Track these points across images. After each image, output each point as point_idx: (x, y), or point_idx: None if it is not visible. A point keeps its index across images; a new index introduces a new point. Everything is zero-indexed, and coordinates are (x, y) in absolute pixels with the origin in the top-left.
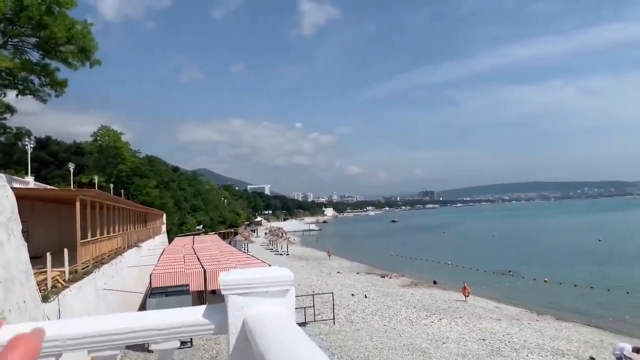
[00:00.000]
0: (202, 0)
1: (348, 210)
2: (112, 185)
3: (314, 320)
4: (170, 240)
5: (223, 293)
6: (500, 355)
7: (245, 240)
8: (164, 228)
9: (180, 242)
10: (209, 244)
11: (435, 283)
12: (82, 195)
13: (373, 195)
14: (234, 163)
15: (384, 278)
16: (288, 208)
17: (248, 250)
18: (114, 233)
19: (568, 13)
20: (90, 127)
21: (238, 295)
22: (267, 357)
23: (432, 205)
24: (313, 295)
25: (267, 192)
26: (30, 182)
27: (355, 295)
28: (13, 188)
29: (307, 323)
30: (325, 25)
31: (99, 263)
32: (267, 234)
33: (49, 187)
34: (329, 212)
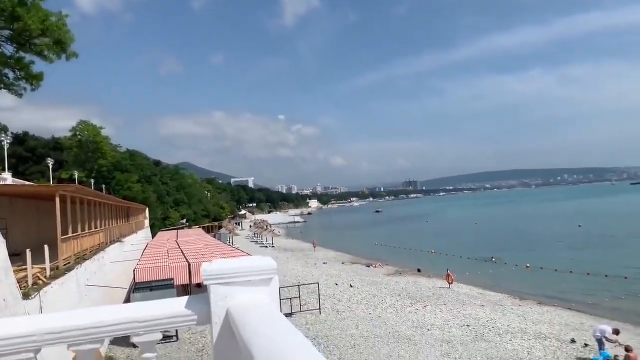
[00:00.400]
0: None
1: (332, 202)
2: (92, 181)
3: (300, 311)
4: (154, 235)
5: (205, 283)
6: (484, 340)
7: (230, 233)
8: (147, 223)
9: (164, 236)
10: (193, 238)
11: (420, 271)
12: (61, 191)
13: (357, 186)
14: (217, 156)
15: (369, 267)
16: (272, 200)
17: (233, 243)
18: (96, 228)
19: (548, 1)
20: (69, 121)
21: (220, 285)
22: (251, 346)
23: (415, 195)
24: (299, 286)
25: (250, 185)
26: (8, 178)
27: (341, 285)
28: None
29: (293, 313)
30: (307, 15)
31: (81, 259)
32: (251, 227)
33: (28, 183)
34: (313, 203)
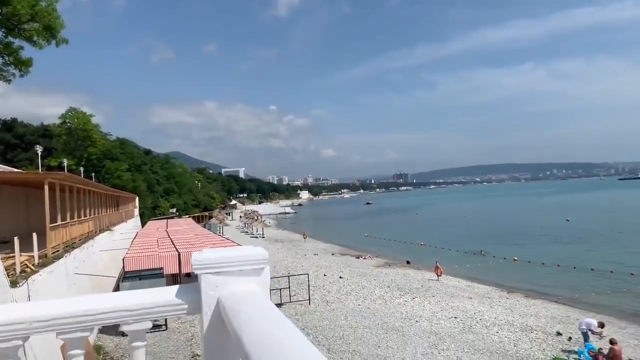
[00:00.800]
0: None
1: (323, 193)
2: (82, 169)
3: (290, 301)
4: (144, 224)
5: (196, 272)
6: (472, 332)
7: (220, 224)
8: (137, 212)
9: (154, 225)
10: (183, 228)
11: (409, 263)
12: (50, 178)
13: (348, 178)
14: (208, 146)
15: (359, 259)
16: (263, 191)
17: (223, 234)
18: (85, 217)
19: None
20: (58, 109)
21: (211, 274)
22: (242, 335)
23: (406, 188)
24: (289, 277)
25: (241, 175)
26: None
27: (330, 276)
28: None
29: (282, 304)
30: (300, 6)
31: (70, 247)
32: (242, 217)
33: (16, 170)
34: (304, 195)
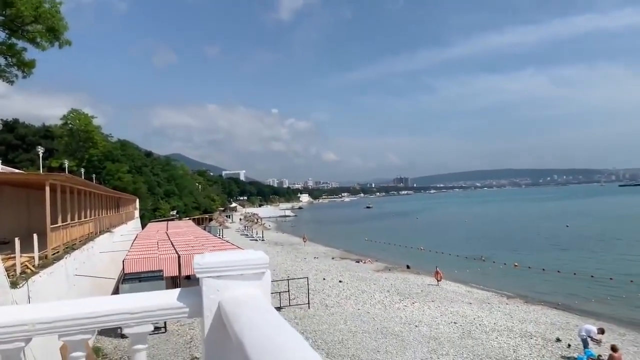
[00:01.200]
0: None
1: (323, 197)
2: (83, 170)
3: (289, 305)
4: (144, 226)
5: (197, 276)
6: (471, 338)
7: (220, 226)
8: (137, 213)
9: (154, 227)
10: (184, 230)
11: (409, 268)
12: (51, 180)
13: (348, 182)
14: (209, 148)
15: (359, 263)
16: (263, 194)
17: (223, 236)
18: (86, 218)
19: (543, 2)
20: (60, 110)
21: (213, 278)
22: (243, 339)
23: (406, 192)
24: (288, 280)
25: (242, 178)
26: None
27: (330, 280)
28: None
29: (282, 307)
30: (302, 10)
31: (70, 249)
32: (242, 220)
33: (17, 171)
34: (305, 198)
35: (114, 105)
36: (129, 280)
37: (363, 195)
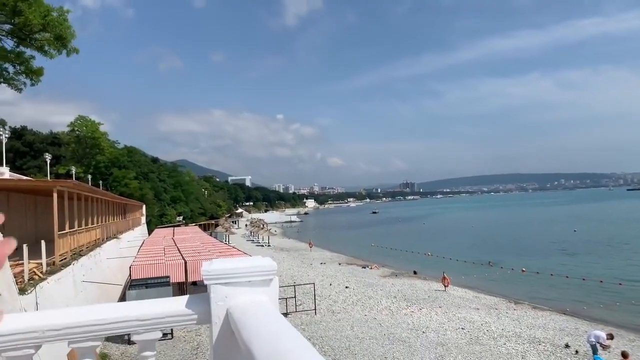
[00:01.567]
0: None
1: (329, 202)
2: (90, 177)
3: (296, 311)
4: (150, 232)
5: (206, 283)
6: (479, 344)
7: (226, 232)
8: (144, 219)
9: (161, 233)
10: (190, 236)
11: (416, 273)
12: (59, 186)
13: (354, 187)
14: (215, 154)
15: (365, 269)
16: (269, 199)
17: (229, 242)
18: (93, 225)
19: (547, 6)
20: (67, 117)
21: (221, 285)
22: (251, 346)
23: (412, 197)
24: (294, 286)
25: (248, 183)
26: (5, 172)
27: (336, 286)
28: None
29: (288, 313)
30: (307, 15)
31: (77, 255)
32: (248, 226)
33: (25, 177)
34: (310, 203)
35: (121, 112)
36: (136, 287)
37: (369, 201)
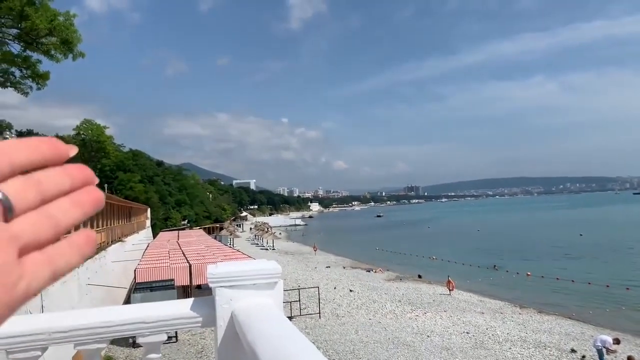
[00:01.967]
0: None
1: (334, 206)
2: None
3: (300, 315)
4: (155, 235)
5: (211, 286)
6: (484, 348)
7: (231, 235)
8: (149, 223)
9: (165, 236)
10: (195, 239)
11: (420, 277)
12: None
13: (358, 191)
14: (220, 158)
15: (370, 272)
16: (274, 203)
17: (233, 245)
18: (98, 228)
19: (551, 10)
20: (73, 120)
21: (226, 288)
22: (256, 349)
23: (417, 200)
24: (299, 290)
25: (252, 187)
26: None
27: (341, 290)
28: None
29: (293, 317)
30: (312, 19)
31: None
32: (252, 229)
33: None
34: (315, 207)
35: (126, 115)
36: (141, 290)
37: (373, 204)
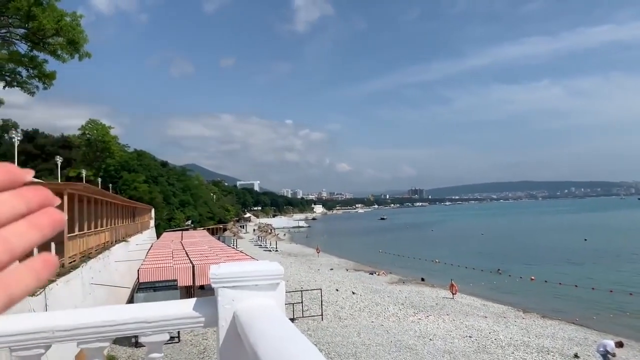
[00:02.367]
0: None
1: (337, 208)
2: (100, 180)
3: (302, 316)
4: (159, 235)
5: (213, 286)
6: (487, 353)
7: (234, 236)
8: (152, 223)
9: (169, 237)
10: (198, 240)
11: (423, 280)
12: (69, 189)
13: (362, 193)
14: (224, 159)
15: (373, 275)
16: (277, 204)
17: (237, 246)
18: (102, 227)
19: (557, 14)
20: (78, 120)
21: (228, 288)
22: (257, 349)
23: (421, 204)
24: (301, 292)
25: (256, 188)
26: None
27: (343, 292)
28: None
29: (295, 319)
30: (317, 21)
31: (86, 257)
32: (256, 230)
33: (36, 180)
34: (318, 209)
35: (132, 116)
36: (144, 290)
37: (377, 207)
